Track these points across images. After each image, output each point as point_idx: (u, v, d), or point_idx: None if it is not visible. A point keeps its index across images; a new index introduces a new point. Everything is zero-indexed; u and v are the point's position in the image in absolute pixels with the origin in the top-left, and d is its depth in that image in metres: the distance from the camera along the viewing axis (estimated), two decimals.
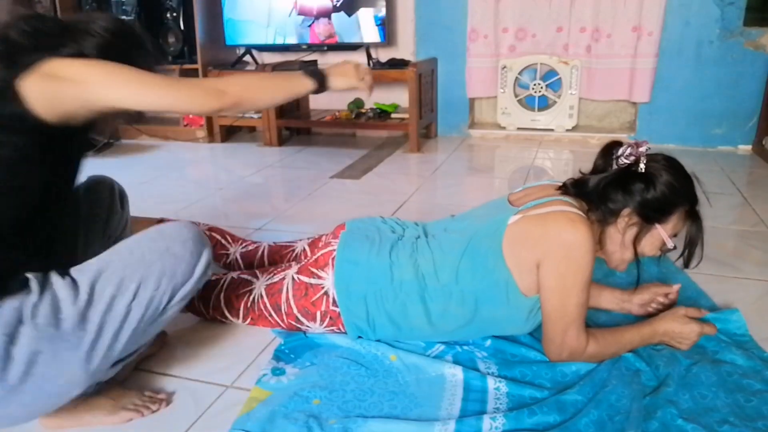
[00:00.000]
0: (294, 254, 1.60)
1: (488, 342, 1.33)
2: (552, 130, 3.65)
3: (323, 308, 1.31)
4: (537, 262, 1.19)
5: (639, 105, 3.45)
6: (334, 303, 1.30)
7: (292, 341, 1.35)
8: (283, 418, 1.08)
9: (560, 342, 1.21)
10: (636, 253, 1.24)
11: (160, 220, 1.71)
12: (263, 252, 1.65)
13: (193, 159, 3.41)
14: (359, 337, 1.33)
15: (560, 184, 1.31)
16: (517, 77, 3.62)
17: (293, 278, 1.35)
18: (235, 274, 1.46)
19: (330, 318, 1.31)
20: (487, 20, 3.51)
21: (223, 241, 1.68)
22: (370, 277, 1.28)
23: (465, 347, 1.31)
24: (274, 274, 1.40)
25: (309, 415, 1.08)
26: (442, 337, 1.32)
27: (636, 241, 1.22)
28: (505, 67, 3.60)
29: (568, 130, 3.63)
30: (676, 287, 1.42)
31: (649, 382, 1.18)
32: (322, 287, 1.31)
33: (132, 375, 1.27)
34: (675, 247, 1.23)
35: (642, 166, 1.19)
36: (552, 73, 3.57)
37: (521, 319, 1.27)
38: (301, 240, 1.66)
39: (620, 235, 1.23)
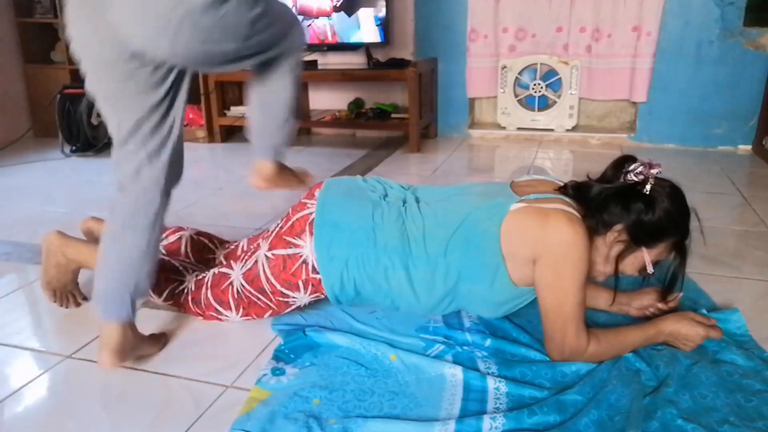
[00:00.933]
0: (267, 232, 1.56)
1: (488, 342, 1.33)
2: (552, 130, 3.65)
3: (303, 277, 1.30)
4: (533, 258, 1.19)
5: (639, 105, 3.45)
6: (314, 270, 1.29)
7: (292, 341, 1.35)
8: (283, 418, 1.08)
9: (560, 340, 1.21)
10: (616, 270, 1.25)
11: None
12: (242, 245, 1.63)
13: (193, 159, 3.41)
14: (339, 302, 1.34)
15: (562, 183, 1.31)
16: (517, 77, 3.62)
17: (266, 257, 1.33)
18: (215, 269, 1.45)
19: (312, 285, 1.31)
20: (487, 20, 3.51)
21: (210, 245, 1.67)
22: (352, 240, 1.26)
23: (465, 347, 1.31)
24: (246, 261, 1.38)
25: (309, 415, 1.08)
26: (422, 309, 1.32)
27: (619, 258, 1.23)
28: (505, 67, 3.61)
29: (568, 130, 3.63)
30: (676, 296, 1.42)
31: (649, 382, 1.18)
32: (300, 256, 1.29)
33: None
34: (654, 273, 1.25)
35: (648, 187, 1.19)
36: (552, 73, 3.57)
37: (497, 304, 1.28)
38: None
39: (606, 248, 1.24)
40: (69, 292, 1.52)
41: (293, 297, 1.35)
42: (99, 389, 1.22)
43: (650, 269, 1.23)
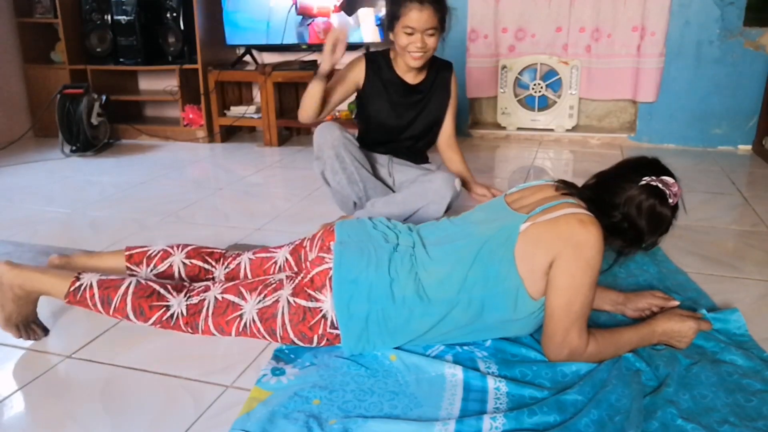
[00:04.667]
0: (277, 266, 1.52)
1: (488, 342, 1.33)
2: (552, 130, 3.65)
3: (320, 332, 1.27)
4: (550, 263, 1.19)
5: (639, 105, 3.45)
6: (332, 326, 1.26)
7: None
8: (283, 418, 1.08)
9: (561, 340, 1.21)
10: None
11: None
12: (245, 269, 1.54)
13: (193, 159, 3.41)
14: (351, 353, 1.30)
15: (556, 183, 1.31)
16: (517, 77, 3.62)
17: (288, 301, 1.28)
18: (219, 295, 1.35)
19: (327, 339, 1.29)
20: (487, 20, 3.51)
21: (206, 267, 1.56)
22: (371, 296, 1.24)
23: (465, 347, 1.31)
24: (265, 295, 1.32)
25: (309, 415, 1.08)
26: (442, 336, 1.32)
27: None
28: (505, 67, 3.61)
29: (568, 130, 3.63)
30: (674, 303, 1.43)
31: (649, 382, 1.18)
32: (321, 310, 1.27)
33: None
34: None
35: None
36: (552, 73, 3.57)
37: (524, 322, 1.27)
38: (281, 247, 1.56)
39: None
40: (31, 323, 1.41)
41: (301, 346, 1.32)
42: (99, 389, 1.22)
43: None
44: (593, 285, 1.18)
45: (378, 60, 2.05)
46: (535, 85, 3.62)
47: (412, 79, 2.04)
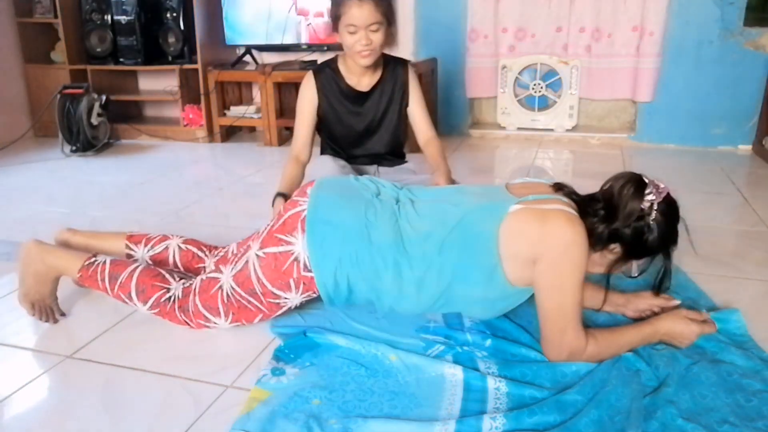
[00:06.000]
0: (257, 235, 1.54)
1: (488, 342, 1.33)
2: (552, 130, 3.65)
3: (295, 275, 1.29)
4: (534, 258, 1.19)
5: (639, 105, 3.45)
6: (306, 268, 1.28)
7: (292, 342, 1.35)
8: (283, 419, 1.08)
9: (559, 342, 1.21)
10: (608, 272, 1.27)
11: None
12: (232, 249, 1.59)
13: (193, 159, 3.41)
14: (332, 302, 1.33)
15: (555, 184, 1.31)
16: (517, 77, 3.62)
17: (257, 255, 1.31)
18: (203, 275, 1.42)
19: (303, 284, 1.30)
20: (487, 20, 3.52)
21: (200, 254, 1.63)
22: (345, 237, 1.25)
23: (465, 347, 1.31)
24: (236, 262, 1.36)
25: (309, 416, 1.08)
26: (414, 309, 1.32)
27: (612, 267, 1.26)
28: (505, 67, 3.61)
29: (568, 130, 3.63)
30: (675, 303, 1.42)
31: (649, 382, 1.18)
32: (291, 253, 1.28)
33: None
34: (636, 277, 1.29)
35: (651, 218, 1.18)
36: (552, 73, 3.57)
37: (491, 302, 1.28)
38: None
39: (599, 258, 1.26)
40: (48, 305, 1.47)
41: (285, 298, 1.34)
42: (99, 389, 1.22)
43: (635, 273, 1.27)
44: (581, 284, 1.19)
45: (325, 71, 1.97)
46: (535, 85, 3.62)
47: (365, 85, 1.97)
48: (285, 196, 1.75)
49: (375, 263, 1.26)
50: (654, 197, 1.18)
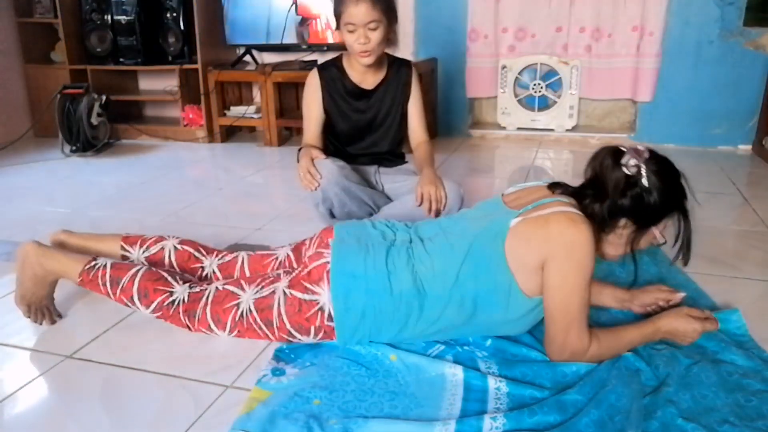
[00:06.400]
0: (278, 262, 1.54)
1: (489, 342, 1.33)
2: (552, 130, 3.65)
3: (317, 323, 1.28)
4: (541, 262, 1.19)
5: (639, 105, 3.45)
6: (329, 318, 1.27)
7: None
8: (284, 419, 1.08)
9: (562, 341, 1.21)
10: (632, 250, 1.25)
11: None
12: (242, 263, 1.56)
13: (193, 159, 3.41)
14: (345, 345, 1.31)
15: (551, 184, 1.30)
16: (517, 77, 3.62)
17: (284, 292, 1.30)
18: (219, 285, 1.39)
19: (324, 332, 1.29)
20: (487, 20, 3.52)
21: (197, 254, 1.60)
22: (368, 289, 1.25)
23: (465, 347, 1.31)
24: (263, 287, 1.34)
25: (309, 416, 1.08)
26: (434, 335, 1.32)
27: (633, 244, 1.23)
28: (505, 67, 3.61)
29: (568, 130, 3.63)
30: (680, 295, 1.42)
31: (649, 381, 1.18)
32: (317, 303, 1.28)
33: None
34: (666, 242, 1.25)
35: (644, 178, 1.17)
36: (552, 73, 3.57)
37: (517, 321, 1.27)
38: (282, 247, 1.59)
39: (616, 238, 1.24)
40: (44, 307, 1.47)
41: (298, 339, 1.33)
42: (99, 389, 1.22)
43: (661, 240, 1.24)
44: (587, 284, 1.18)
45: (330, 69, 1.99)
46: (535, 85, 3.62)
47: (370, 83, 1.98)
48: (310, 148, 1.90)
49: (399, 312, 1.26)
50: (636, 160, 1.17)
